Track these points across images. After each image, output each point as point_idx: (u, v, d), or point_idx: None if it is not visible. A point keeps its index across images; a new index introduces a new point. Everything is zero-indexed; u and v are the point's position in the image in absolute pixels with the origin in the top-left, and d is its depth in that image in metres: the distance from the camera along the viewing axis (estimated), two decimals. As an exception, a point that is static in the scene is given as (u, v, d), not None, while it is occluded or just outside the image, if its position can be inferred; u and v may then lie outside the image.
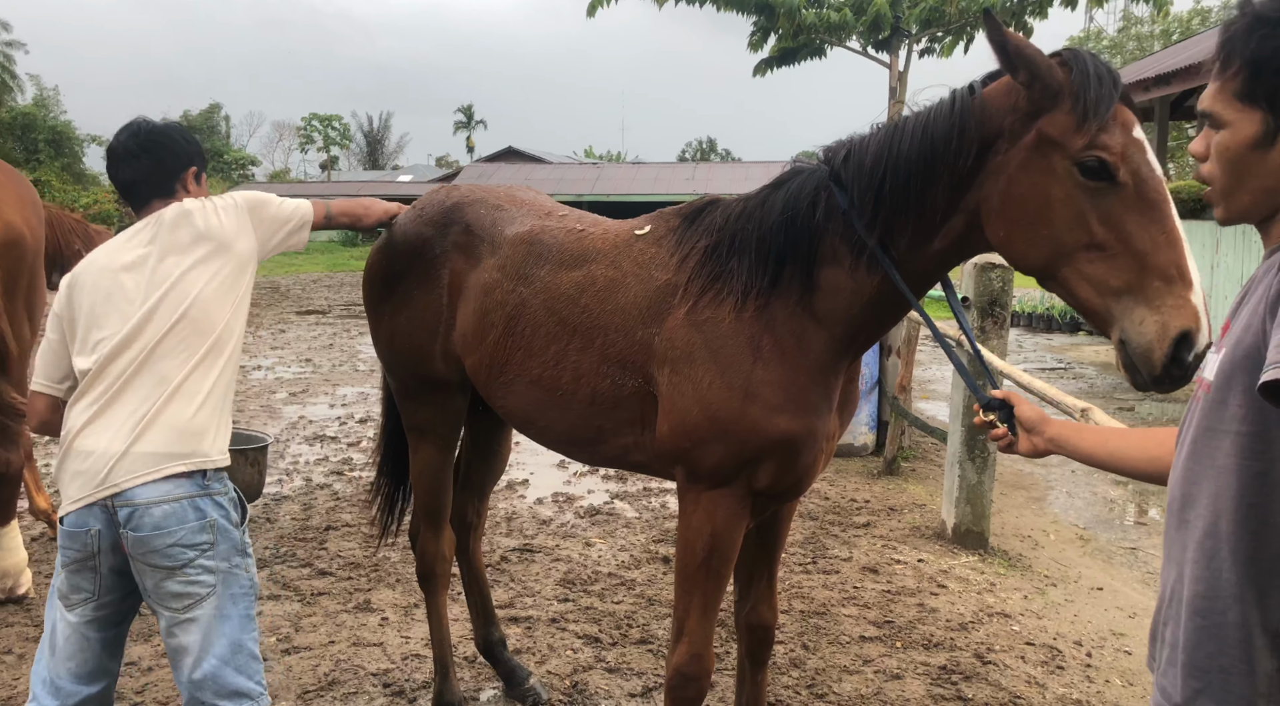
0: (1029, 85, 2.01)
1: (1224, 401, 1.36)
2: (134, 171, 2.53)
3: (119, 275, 2.44)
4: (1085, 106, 1.93)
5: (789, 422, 2.39)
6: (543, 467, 7.08)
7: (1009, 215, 2.06)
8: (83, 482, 2.32)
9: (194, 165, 2.61)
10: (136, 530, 2.28)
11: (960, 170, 2.13)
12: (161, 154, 2.54)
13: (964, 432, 5.57)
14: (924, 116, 2.21)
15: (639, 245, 2.70)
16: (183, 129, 2.68)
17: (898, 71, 14.70)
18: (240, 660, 2.39)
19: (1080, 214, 1.95)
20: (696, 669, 2.60)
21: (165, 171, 2.55)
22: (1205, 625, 1.37)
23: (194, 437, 2.37)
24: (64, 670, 2.38)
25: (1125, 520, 6.64)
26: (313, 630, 4.18)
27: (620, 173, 45.69)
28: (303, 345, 13.93)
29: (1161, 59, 14.91)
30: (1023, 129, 2.03)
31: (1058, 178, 1.98)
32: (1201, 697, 1.37)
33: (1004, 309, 5.62)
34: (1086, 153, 1.93)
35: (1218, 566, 1.36)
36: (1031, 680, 3.88)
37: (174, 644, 2.37)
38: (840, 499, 6.47)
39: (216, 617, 2.36)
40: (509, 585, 4.75)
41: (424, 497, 3.36)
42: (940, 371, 12.46)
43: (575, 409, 2.73)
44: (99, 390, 2.37)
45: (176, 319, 2.39)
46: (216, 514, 2.38)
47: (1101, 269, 1.93)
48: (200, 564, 2.33)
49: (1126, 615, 4.68)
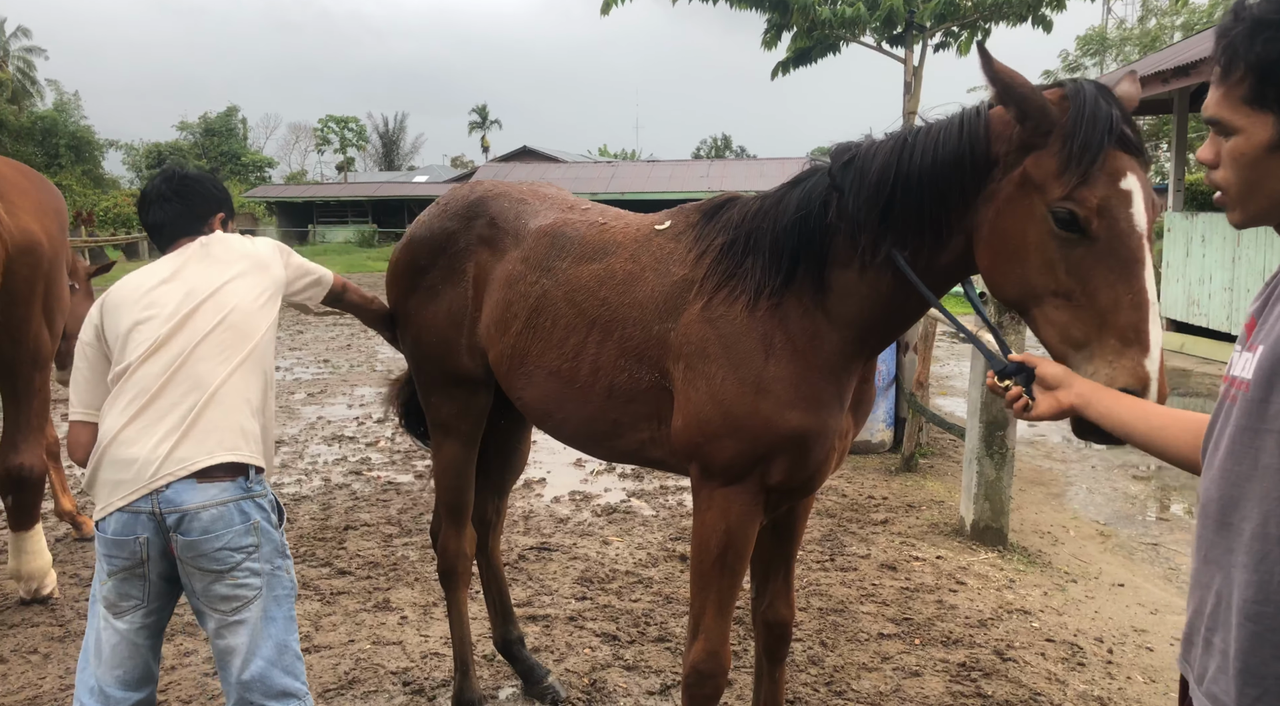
0: (1020, 121, 1.97)
1: (1266, 400, 1.33)
2: (164, 213, 2.67)
3: (154, 290, 2.52)
4: (1069, 154, 1.87)
5: (801, 418, 2.40)
6: (560, 466, 7.09)
7: (992, 246, 2.06)
8: (127, 487, 2.35)
9: (221, 211, 2.77)
10: (186, 534, 2.33)
11: (962, 193, 2.11)
12: (192, 199, 2.70)
13: (982, 429, 5.55)
14: (932, 135, 2.17)
15: (658, 240, 2.71)
16: (214, 178, 2.86)
17: (912, 66, 14.62)
18: (286, 660, 2.44)
19: (1050, 261, 1.92)
20: (713, 666, 2.60)
21: (194, 215, 2.70)
22: (1259, 630, 1.33)
23: (235, 436, 2.42)
24: (111, 677, 2.41)
25: (1147, 516, 6.59)
26: (332, 629, 4.21)
27: (635, 171, 45.70)
28: (320, 346, 14.01)
29: (1180, 50, 14.76)
30: (1014, 163, 2.00)
31: (1035, 220, 1.94)
32: (1260, 704, 1.34)
33: (1021, 304, 5.58)
34: (1060, 203, 1.89)
35: (1269, 569, 1.32)
36: (1052, 677, 3.86)
37: (222, 645, 2.41)
38: (858, 496, 6.45)
39: (263, 619, 2.41)
40: (526, 583, 4.76)
41: (446, 494, 3.38)
42: (958, 367, 12.40)
43: (593, 402, 2.74)
44: (134, 392, 2.40)
45: (216, 323, 2.47)
46: (259, 516, 2.42)
47: (1065, 317, 1.91)
48: (247, 567, 2.39)
49: (1148, 611, 4.65)
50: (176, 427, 2.37)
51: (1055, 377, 1.84)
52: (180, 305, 2.48)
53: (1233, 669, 1.37)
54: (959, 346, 14.06)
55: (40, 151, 44.56)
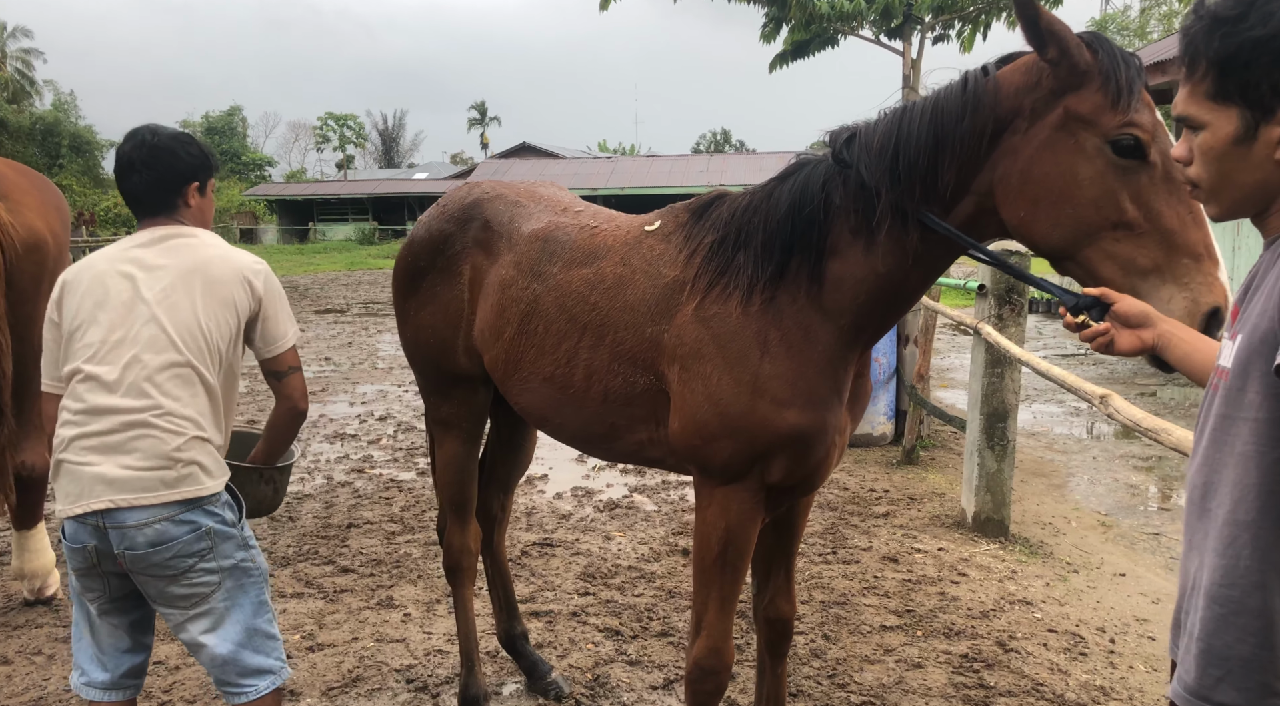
0: (1057, 62, 2.00)
1: (1242, 388, 1.36)
2: (135, 184, 2.54)
3: (110, 282, 2.43)
4: (1119, 85, 1.93)
5: (798, 417, 2.39)
6: (561, 462, 7.10)
7: (1030, 194, 2.04)
8: (73, 499, 2.35)
9: (195, 179, 2.57)
10: (132, 549, 2.32)
11: (971, 150, 2.11)
12: (161, 169, 2.52)
13: (983, 421, 5.55)
14: (934, 97, 2.19)
15: (648, 241, 2.70)
16: (187, 140, 2.61)
17: (911, 59, 14.61)
18: (256, 641, 2.48)
19: (1110, 191, 1.95)
20: (715, 662, 2.61)
21: (165, 187, 2.53)
22: (1224, 613, 1.37)
23: (181, 464, 2.36)
24: (107, 647, 2.51)
25: (1148, 506, 6.59)
26: (336, 627, 4.22)
27: (634, 166, 45.69)
28: (322, 344, 14.03)
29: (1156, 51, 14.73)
30: (1046, 108, 2.02)
31: (1086, 155, 1.97)
32: (1222, 686, 1.37)
33: (1021, 296, 5.59)
34: (1122, 130, 1.93)
35: (1236, 553, 1.36)
36: (1054, 667, 3.87)
37: (187, 639, 2.46)
38: (859, 488, 6.46)
39: (230, 608, 2.44)
40: (529, 579, 4.77)
41: (449, 491, 3.39)
42: (958, 359, 12.41)
43: (588, 406, 2.74)
44: (80, 405, 2.37)
45: (158, 336, 2.38)
46: (210, 521, 2.39)
47: (1128, 248, 1.93)
48: (201, 568, 2.39)
49: (1150, 601, 4.65)
50: (122, 445, 2.33)
51: (1138, 315, 1.80)
52: (129, 312, 2.40)
53: (1195, 650, 1.41)
54: (959, 339, 14.07)
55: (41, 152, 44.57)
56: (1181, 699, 1.43)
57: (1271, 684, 1.34)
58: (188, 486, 2.37)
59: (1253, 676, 1.34)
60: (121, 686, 2.53)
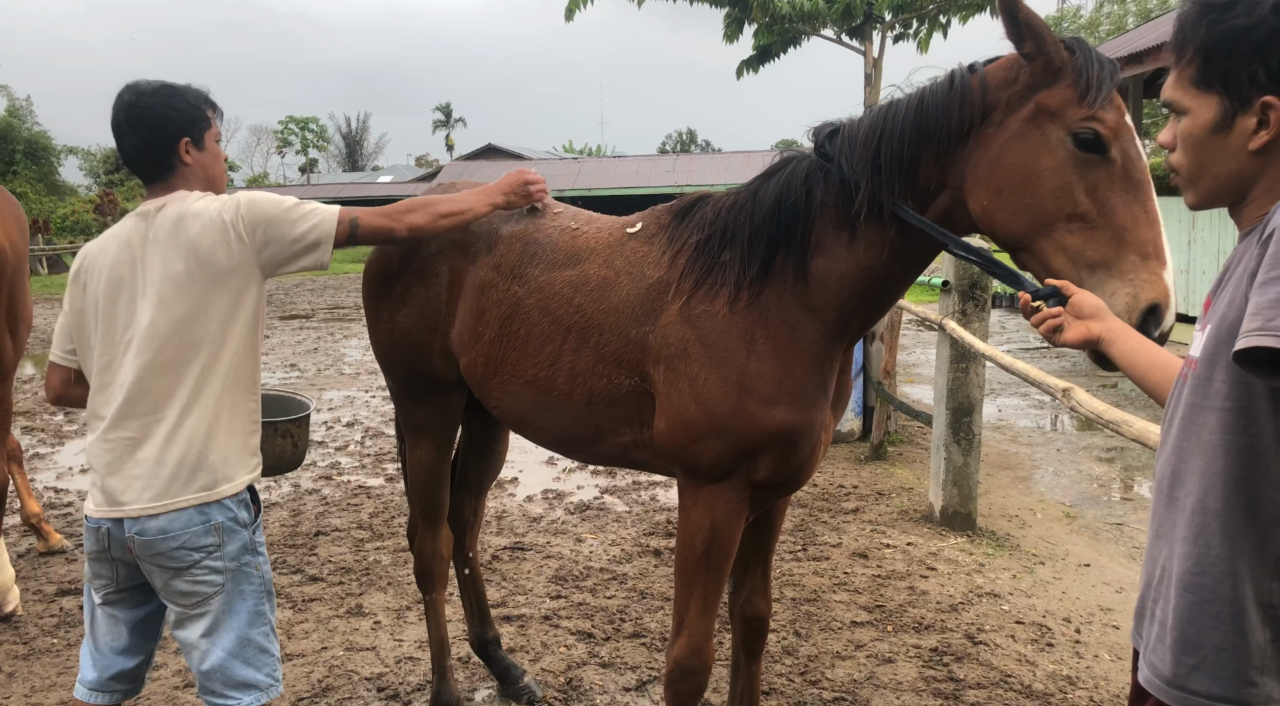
0: (1033, 57, 2.05)
1: (1210, 377, 1.38)
2: (128, 150, 2.43)
3: (123, 276, 2.38)
4: (1088, 82, 1.99)
5: (785, 415, 2.40)
6: (532, 465, 7.08)
7: (993, 183, 2.10)
8: (98, 498, 2.38)
9: (186, 135, 2.40)
10: (142, 534, 2.32)
11: (954, 144, 2.16)
12: (146, 131, 2.39)
13: (949, 415, 5.61)
14: (919, 93, 2.24)
15: (631, 243, 2.70)
16: (170, 92, 2.41)
17: (873, 58, 14.73)
18: (248, 653, 2.41)
19: (1067, 183, 2.00)
20: (696, 662, 2.60)
21: (156, 150, 2.40)
22: (1197, 601, 1.38)
23: (201, 471, 2.35)
24: (103, 643, 2.48)
25: (1111, 497, 6.69)
26: (305, 637, 4.18)
27: (601, 167, 45.63)
28: (287, 350, 13.87)
29: (1134, 38, 14.97)
30: (1019, 102, 2.08)
31: (1050, 147, 2.03)
32: (1196, 674, 1.38)
33: (984, 292, 5.65)
34: (1084, 124, 1.99)
35: (1207, 542, 1.37)
36: (1022, 658, 3.92)
37: (182, 636, 2.42)
38: (829, 485, 6.50)
39: (225, 613, 2.39)
40: (500, 584, 4.75)
41: (421, 496, 3.37)
42: (924, 355, 12.52)
43: (572, 409, 2.72)
44: (106, 398, 2.40)
45: (167, 340, 2.33)
46: (222, 517, 2.37)
47: (1079, 240, 1.97)
48: (206, 564, 2.35)
49: (1114, 590, 4.72)
50: (143, 450, 2.34)
51: (1090, 308, 1.82)
52: (134, 312, 2.36)
53: (1170, 638, 1.42)
54: (924, 334, 14.20)
55: (-6, 159, 43.68)
56: (1156, 688, 1.44)
57: (1245, 671, 1.35)
58: (203, 492, 2.37)
59: (1226, 664, 1.36)
60: (108, 689, 2.48)
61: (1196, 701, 1.38)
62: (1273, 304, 1.22)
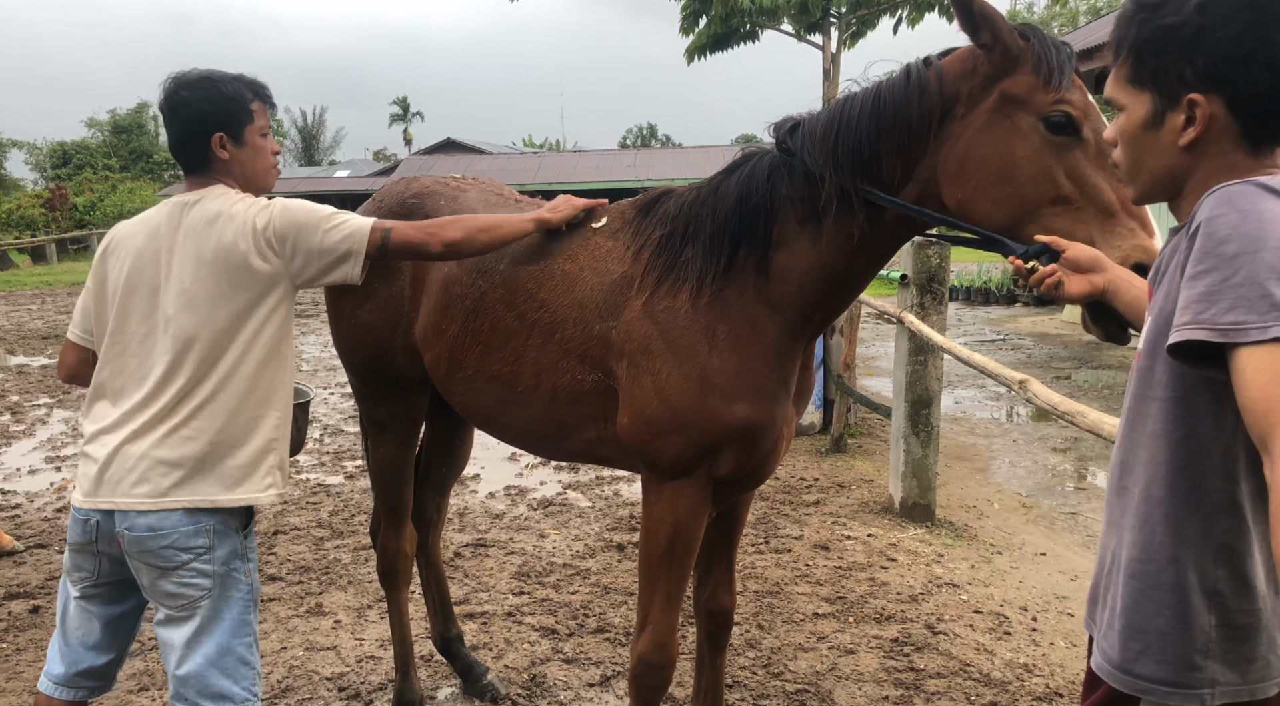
0: (990, 47, 2.06)
1: (1151, 368, 1.42)
2: (169, 140, 2.40)
3: (148, 266, 2.32)
4: (1050, 67, 2.00)
5: (747, 410, 2.40)
6: (494, 461, 7.05)
7: (969, 176, 2.10)
8: (87, 487, 2.33)
9: (220, 130, 2.34)
10: (131, 529, 2.28)
11: (915, 138, 2.17)
12: (179, 125, 2.35)
13: (908, 408, 5.67)
14: (877, 87, 2.24)
15: (596, 239, 2.69)
16: (209, 85, 2.36)
17: (831, 53, 14.82)
18: (227, 663, 2.34)
19: (1046, 168, 2.01)
20: (660, 657, 2.61)
21: (190, 144, 2.36)
22: (1142, 588, 1.41)
23: (202, 476, 2.30)
24: (73, 638, 2.44)
25: (1066, 486, 6.81)
26: (264, 637, 4.12)
27: (561, 161, 45.42)
28: (243, 347, 13.65)
29: (1085, 34, 15.21)
30: (982, 93, 2.09)
31: (1022, 134, 2.03)
32: (1142, 659, 1.41)
33: (942, 285, 5.72)
34: (1054, 108, 2.00)
35: (1151, 529, 1.41)
36: (980, 647, 3.98)
37: (164, 636, 2.36)
38: (790, 478, 6.54)
39: (211, 620, 2.33)
40: (463, 581, 4.73)
41: (384, 494, 3.34)
42: (883, 348, 12.64)
43: (536, 405, 2.71)
44: (115, 388, 2.35)
45: (186, 341, 2.28)
46: (213, 519, 2.32)
47: (1067, 222, 1.99)
48: (195, 567, 2.30)
49: (1068, 578, 4.81)
50: (140, 445, 2.27)
51: (1088, 260, 1.83)
52: (152, 307, 2.31)
53: (1118, 624, 1.45)
54: (883, 328, 14.34)
55: (-63, 152, 42.54)
56: (1105, 672, 1.47)
57: (1189, 656, 1.38)
58: (198, 497, 2.32)
59: (1170, 649, 1.39)
60: (75, 685, 2.42)
61: (1142, 685, 1.42)
62: (1201, 297, 1.26)
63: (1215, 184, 1.36)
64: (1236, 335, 1.22)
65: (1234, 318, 1.22)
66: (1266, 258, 1.22)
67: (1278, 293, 1.20)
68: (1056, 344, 12.95)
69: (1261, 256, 1.22)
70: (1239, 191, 1.29)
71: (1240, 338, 1.22)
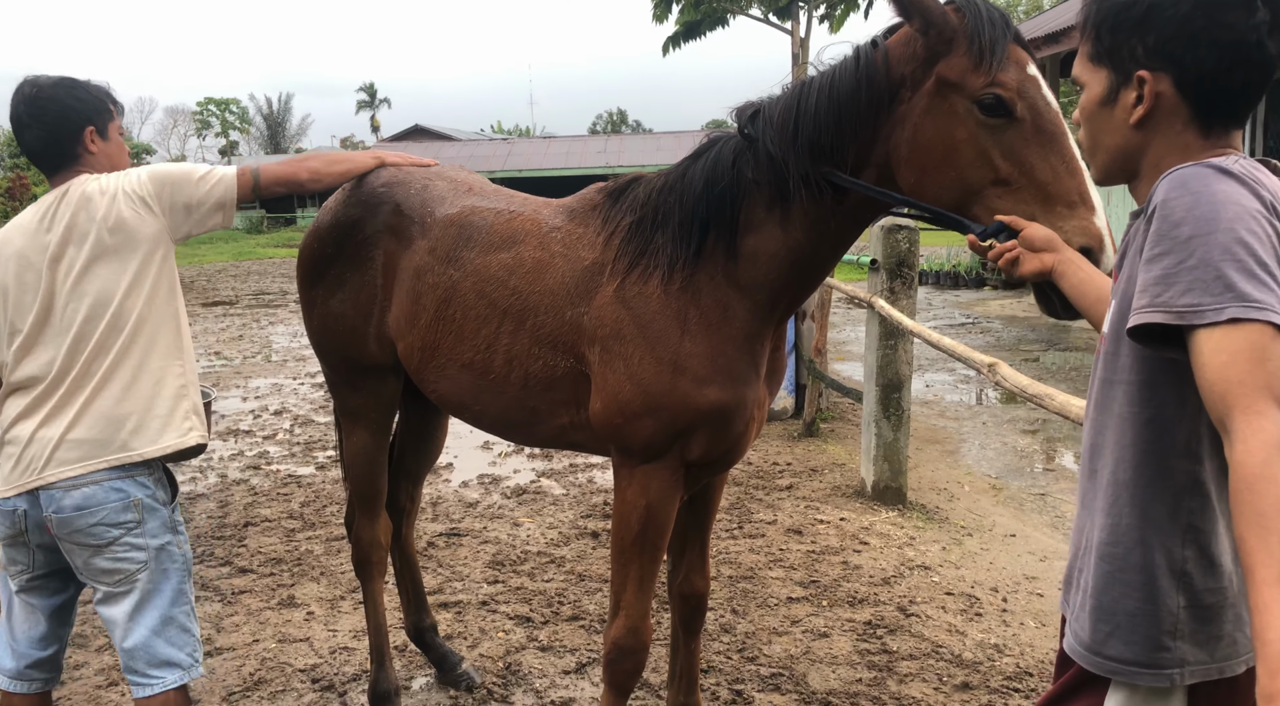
0: (924, 31, 2.06)
1: (1116, 352, 1.43)
2: (30, 142, 2.46)
3: (32, 260, 2.39)
4: (980, 47, 1.99)
5: (718, 393, 2.42)
6: (467, 450, 7.02)
7: (917, 161, 2.11)
8: (9, 476, 2.37)
9: (91, 124, 2.46)
10: (59, 512, 2.33)
11: (868, 122, 2.17)
12: (49, 122, 2.43)
13: (879, 392, 5.70)
14: (830, 73, 2.24)
15: (566, 225, 2.69)
16: (73, 85, 2.48)
17: (799, 38, 14.84)
18: (170, 632, 2.45)
19: (983, 151, 2.01)
20: (634, 642, 2.62)
21: (59, 139, 2.44)
22: (1111, 570, 1.43)
23: (116, 428, 2.37)
24: (19, 633, 2.49)
25: (1034, 468, 6.90)
26: (235, 630, 4.09)
27: (531, 148, 45.24)
28: (211, 338, 13.50)
29: (1051, 18, 15.32)
30: (923, 76, 2.09)
31: (959, 118, 2.03)
32: (1112, 640, 1.43)
33: (911, 269, 5.75)
34: (984, 91, 1.99)
35: (1118, 512, 1.42)
36: (952, 628, 4.02)
37: (106, 615, 2.44)
38: (763, 463, 6.57)
39: (151, 592, 2.42)
40: (437, 570, 4.71)
41: (358, 483, 3.33)
42: (854, 332, 12.72)
43: (509, 392, 2.72)
44: (23, 381, 2.40)
45: (84, 316, 2.37)
46: (140, 493, 2.40)
47: (1008, 203, 1.99)
48: (127, 541, 2.38)
49: (1038, 559, 4.87)
50: (61, 421, 2.35)
51: (1042, 239, 1.86)
52: (52, 295, 2.38)
53: (1089, 606, 1.47)
54: (854, 312, 14.42)
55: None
56: (1076, 653, 1.49)
57: (1157, 637, 1.39)
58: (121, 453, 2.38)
59: (1139, 630, 1.40)
60: (27, 677, 2.49)
61: (1112, 666, 1.44)
62: (1158, 280, 1.27)
63: (1168, 165, 1.37)
64: (1193, 317, 1.23)
65: (1190, 300, 1.23)
66: (1220, 239, 1.23)
67: (1231, 274, 1.21)
68: (1025, 327, 13.09)
69: (1215, 238, 1.24)
70: (1193, 174, 1.30)
71: (1196, 319, 1.23)
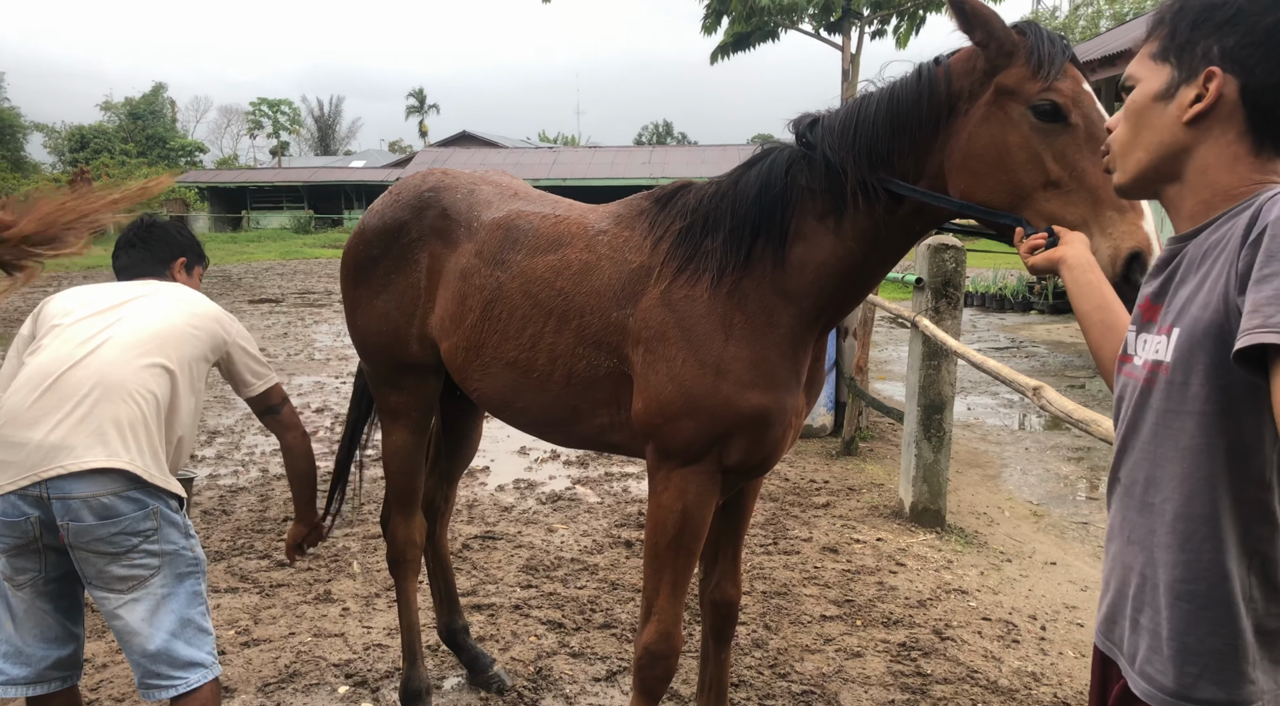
0: (985, 44, 2.13)
1: (1185, 382, 1.36)
2: (129, 258, 2.83)
3: (92, 294, 2.64)
4: (1040, 59, 2.07)
5: (760, 398, 2.44)
6: (503, 454, 7.05)
7: (970, 167, 2.16)
8: (16, 471, 2.35)
9: (183, 255, 2.91)
10: (77, 521, 2.33)
11: (926, 135, 2.23)
12: (154, 246, 2.86)
13: (920, 412, 5.65)
14: (890, 87, 2.31)
15: (613, 229, 2.74)
16: (181, 226, 3.01)
17: (850, 54, 14.79)
18: (189, 633, 2.48)
19: (1035, 154, 2.07)
20: (665, 647, 2.62)
21: (155, 260, 2.85)
22: (1193, 609, 1.36)
23: (129, 438, 2.41)
24: (30, 636, 2.47)
25: (1077, 496, 6.78)
26: (272, 622, 4.14)
27: (577, 157, 45.47)
28: (256, 334, 13.71)
29: (1108, 40, 15.13)
30: (981, 88, 2.15)
31: (1014, 123, 2.10)
32: (1202, 682, 1.36)
33: (957, 289, 5.69)
34: (1041, 96, 2.05)
35: (1197, 547, 1.35)
36: (988, 654, 3.96)
37: (120, 626, 2.43)
38: (800, 480, 6.53)
39: (163, 596, 2.44)
40: (471, 573, 4.73)
41: (396, 482, 3.36)
42: (896, 352, 12.61)
43: (551, 390, 2.76)
44: (39, 373, 2.43)
45: (139, 325, 2.53)
46: (156, 502, 2.44)
47: (1058, 205, 2.04)
48: (144, 548, 2.41)
49: (1079, 588, 4.78)
50: (71, 415, 2.37)
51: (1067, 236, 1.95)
52: (108, 302, 2.56)
53: (1168, 650, 1.39)
54: (896, 331, 14.30)
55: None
56: (1159, 701, 1.41)
57: (1243, 669, 1.34)
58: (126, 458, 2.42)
59: (1228, 667, 1.34)
60: (47, 678, 2.49)
61: None
62: (1272, 299, 1.20)
63: (1215, 173, 1.37)
64: None
65: None
66: None
67: None
68: (1071, 352, 12.89)
69: None
70: None
71: None
